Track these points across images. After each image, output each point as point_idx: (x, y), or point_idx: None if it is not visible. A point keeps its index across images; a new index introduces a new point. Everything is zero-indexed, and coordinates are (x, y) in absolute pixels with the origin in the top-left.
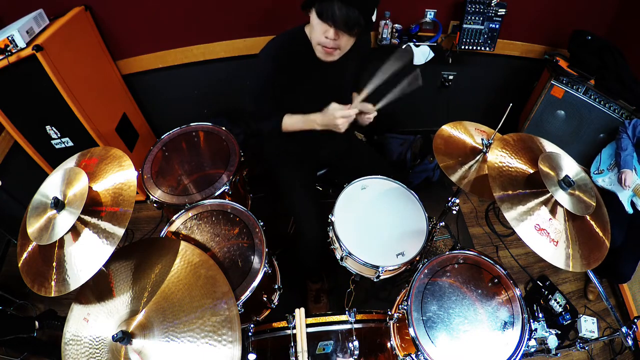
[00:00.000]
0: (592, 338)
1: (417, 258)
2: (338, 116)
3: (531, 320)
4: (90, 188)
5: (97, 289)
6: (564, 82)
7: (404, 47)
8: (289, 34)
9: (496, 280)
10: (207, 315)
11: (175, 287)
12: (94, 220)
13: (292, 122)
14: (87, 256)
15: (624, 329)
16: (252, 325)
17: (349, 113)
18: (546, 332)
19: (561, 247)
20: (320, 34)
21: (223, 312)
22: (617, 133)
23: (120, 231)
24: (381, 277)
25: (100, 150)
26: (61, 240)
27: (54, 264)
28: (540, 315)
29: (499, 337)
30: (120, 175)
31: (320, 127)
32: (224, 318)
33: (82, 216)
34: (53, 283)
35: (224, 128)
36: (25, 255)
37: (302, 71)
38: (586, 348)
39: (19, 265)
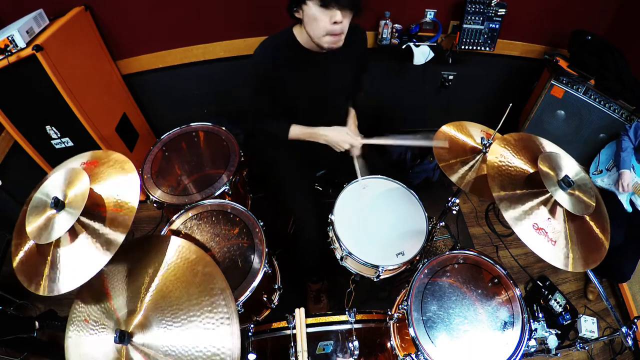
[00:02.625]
0: (592, 338)
1: (417, 258)
2: (349, 142)
3: (531, 320)
4: (91, 190)
5: (97, 290)
6: (564, 82)
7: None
8: (278, 36)
9: (496, 280)
10: (205, 311)
11: (173, 285)
12: (93, 224)
13: (297, 131)
14: (82, 261)
15: (624, 329)
16: (252, 325)
17: (356, 144)
18: (546, 332)
19: (560, 247)
20: (327, 23)
21: (221, 308)
22: (619, 136)
23: (120, 237)
24: (381, 277)
25: (102, 153)
26: (58, 241)
27: (49, 262)
28: (540, 315)
29: (499, 337)
30: (122, 180)
31: (324, 141)
32: (223, 314)
33: (82, 218)
34: (45, 281)
35: (224, 128)
36: (20, 254)
37: (295, 72)
38: (586, 348)
39: (14, 265)
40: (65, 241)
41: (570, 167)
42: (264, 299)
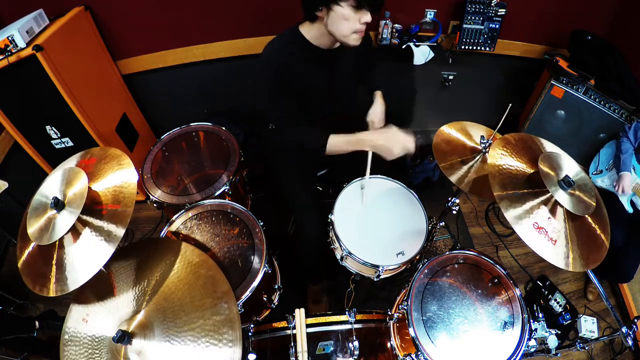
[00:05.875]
0: (592, 338)
1: (417, 257)
2: (404, 146)
3: (531, 320)
4: (89, 188)
5: (98, 289)
6: (564, 82)
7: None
8: (286, 34)
9: (496, 280)
10: (208, 315)
11: (176, 287)
12: (94, 220)
13: (340, 142)
14: (87, 256)
15: (624, 329)
16: (252, 325)
17: (411, 147)
18: (546, 332)
19: (560, 247)
20: (357, 23)
21: (223, 311)
22: (618, 137)
23: (120, 231)
24: (381, 277)
25: (99, 150)
26: (61, 241)
27: (54, 264)
28: (540, 315)
29: (499, 337)
30: (119, 175)
31: (370, 148)
32: (225, 318)
33: (82, 216)
34: (53, 283)
35: (224, 128)
36: (24, 256)
37: (307, 68)
38: (586, 348)
39: (19, 266)
40: (68, 241)
41: (570, 167)
42: (264, 299)
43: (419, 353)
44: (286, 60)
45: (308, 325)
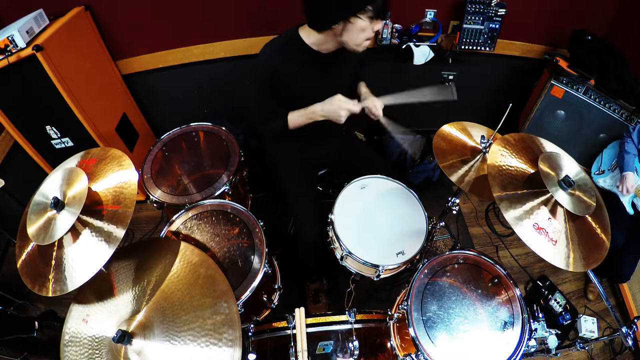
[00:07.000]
0: (592, 338)
1: (417, 257)
2: (343, 107)
3: (531, 320)
4: (89, 189)
5: (97, 290)
6: (564, 82)
7: (448, 86)
8: (284, 37)
9: (496, 280)
10: (207, 314)
11: (175, 287)
12: (94, 221)
13: (295, 117)
14: (86, 257)
15: (624, 329)
16: (252, 325)
17: (353, 108)
18: (546, 332)
19: (560, 247)
20: (371, 32)
21: (223, 310)
22: (621, 137)
23: (120, 232)
24: (381, 277)
25: (100, 150)
26: (61, 241)
27: (53, 264)
28: (540, 315)
29: (499, 337)
30: (120, 175)
31: (321, 116)
32: (224, 317)
33: (83, 217)
34: (51, 283)
35: (224, 128)
36: (24, 256)
37: (304, 71)
38: (586, 348)
39: (18, 266)
40: (68, 241)
41: (570, 167)
42: (264, 299)
43: (419, 353)
44: (280, 64)
45: (308, 325)
